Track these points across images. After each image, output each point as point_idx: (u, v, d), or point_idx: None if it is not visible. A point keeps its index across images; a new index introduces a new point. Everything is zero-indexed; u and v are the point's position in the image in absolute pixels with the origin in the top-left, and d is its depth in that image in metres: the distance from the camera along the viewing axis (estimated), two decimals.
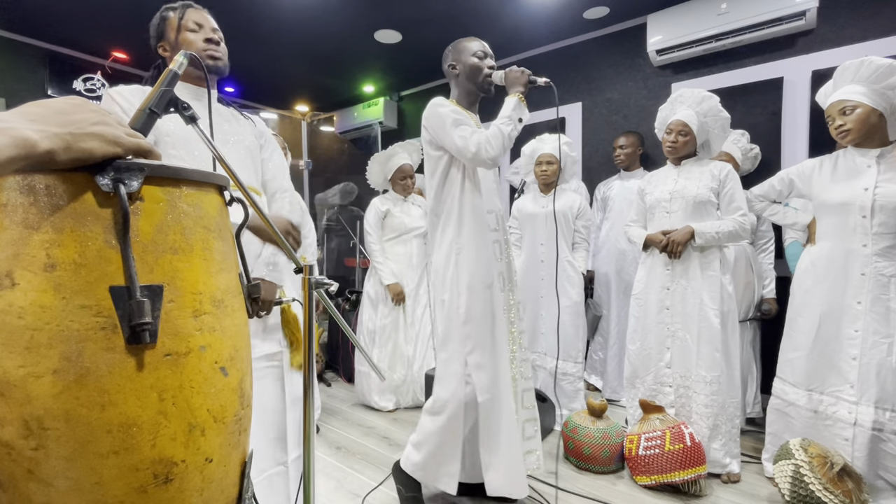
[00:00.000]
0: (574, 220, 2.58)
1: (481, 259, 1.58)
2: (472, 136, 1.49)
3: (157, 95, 0.71)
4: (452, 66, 1.65)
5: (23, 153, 0.43)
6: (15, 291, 0.48)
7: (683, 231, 1.93)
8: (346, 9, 2.99)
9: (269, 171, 1.38)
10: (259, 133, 1.39)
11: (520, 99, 1.53)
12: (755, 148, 2.58)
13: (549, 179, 2.54)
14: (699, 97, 2.00)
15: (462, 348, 1.56)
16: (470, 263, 1.57)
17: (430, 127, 1.58)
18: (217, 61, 1.26)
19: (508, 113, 1.51)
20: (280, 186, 1.39)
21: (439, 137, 1.56)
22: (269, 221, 0.83)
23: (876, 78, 1.63)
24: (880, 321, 1.63)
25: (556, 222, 2.34)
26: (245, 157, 1.30)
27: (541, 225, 2.56)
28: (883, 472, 1.63)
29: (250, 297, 0.76)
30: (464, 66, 1.62)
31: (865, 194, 1.66)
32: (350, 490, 1.87)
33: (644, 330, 2.08)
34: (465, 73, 1.62)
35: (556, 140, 2.52)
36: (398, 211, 2.95)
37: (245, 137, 1.32)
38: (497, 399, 1.56)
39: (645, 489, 1.86)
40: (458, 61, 1.64)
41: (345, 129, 4.92)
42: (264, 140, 1.40)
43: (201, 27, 1.25)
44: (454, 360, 1.57)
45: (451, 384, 1.56)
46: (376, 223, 2.94)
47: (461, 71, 1.63)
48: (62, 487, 0.50)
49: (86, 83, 3.64)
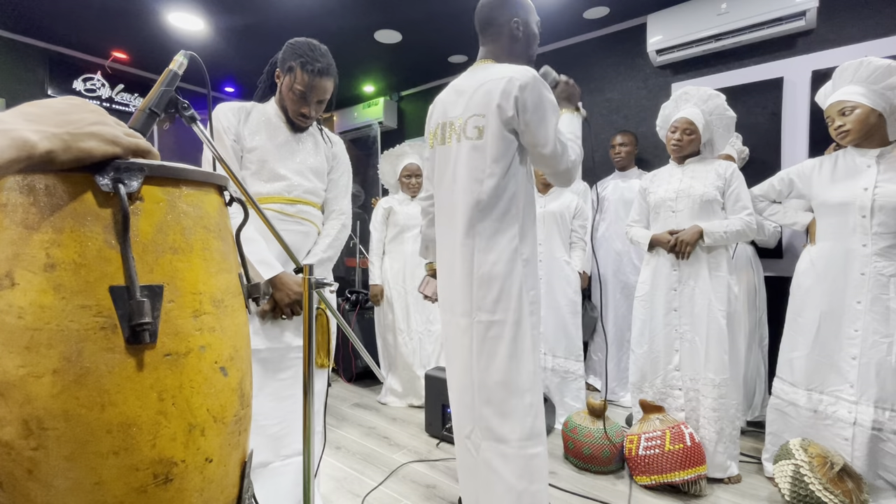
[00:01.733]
0: (571, 220, 2.59)
1: (537, 269, 1.40)
2: (572, 144, 1.25)
3: (157, 95, 0.71)
4: (517, 23, 1.32)
5: (23, 154, 0.43)
6: (15, 291, 0.48)
7: (692, 231, 1.90)
8: (346, 9, 2.99)
9: (332, 191, 1.53)
10: (333, 156, 1.53)
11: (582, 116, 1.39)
12: (745, 150, 2.62)
13: (546, 179, 2.55)
14: (705, 95, 1.98)
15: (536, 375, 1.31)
16: (534, 277, 1.33)
17: (530, 103, 1.21)
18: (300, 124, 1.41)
19: (574, 130, 1.34)
20: (339, 209, 1.53)
21: (532, 123, 1.22)
22: (269, 222, 0.83)
23: (875, 78, 1.63)
24: (880, 321, 1.63)
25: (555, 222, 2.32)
26: (309, 174, 1.44)
27: (539, 224, 2.57)
28: (883, 471, 1.63)
29: (251, 296, 0.76)
30: (528, 29, 1.34)
31: (865, 194, 1.66)
32: (350, 490, 1.87)
33: (651, 332, 2.05)
34: (525, 39, 1.35)
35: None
36: (402, 208, 2.98)
37: (317, 156, 1.47)
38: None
39: (645, 489, 1.86)
40: (524, 22, 1.33)
41: (345, 128, 4.92)
42: (336, 162, 1.54)
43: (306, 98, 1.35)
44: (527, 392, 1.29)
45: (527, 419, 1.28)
46: (380, 221, 2.98)
47: (526, 33, 1.35)
48: (62, 487, 0.50)
49: (86, 83, 3.64)
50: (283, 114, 1.42)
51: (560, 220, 2.55)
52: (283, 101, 1.38)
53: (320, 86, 1.33)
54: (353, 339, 0.93)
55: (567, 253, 2.58)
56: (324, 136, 1.53)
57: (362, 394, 3.07)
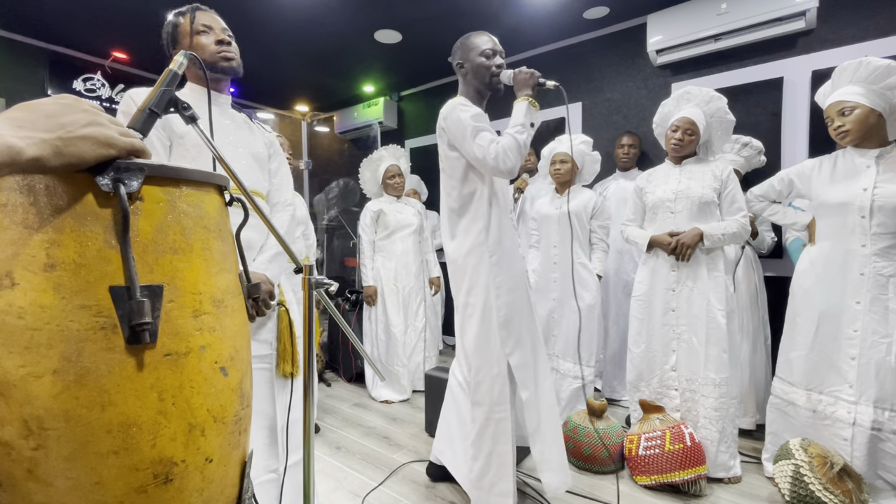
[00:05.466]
0: (589, 220, 2.48)
1: (513, 260, 1.58)
2: (490, 146, 1.46)
3: (157, 95, 0.71)
4: (460, 64, 1.62)
5: (7, 160, 0.41)
6: (15, 291, 0.48)
7: (693, 233, 1.90)
8: (346, 9, 2.99)
9: (275, 183, 1.41)
10: (269, 143, 1.42)
11: (531, 103, 1.49)
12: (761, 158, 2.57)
13: (562, 178, 2.48)
14: (707, 96, 1.98)
15: (503, 350, 1.54)
16: (503, 265, 1.55)
17: (449, 130, 1.54)
18: (230, 62, 1.27)
19: (521, 120, 1.48)
20: (283, 199, 1.42)
21: (458, 144, 1.53)
22: (269, 222, 0.83)
23: (874, 78, 1.63)
24: (879, 321, 1.63)
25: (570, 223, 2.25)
26: (252, 163, 1.32)
27: (554, 226, 2.50)
28: (882, 471, 1.63)
29: (250, 296, 0.76)
30: (471, 64, 1.59)
31: (864, 194, 1.66)
32: (350, 490, 1.87)
33: (648, 332, 2.06)
34: (472, 72, 1.59)
35: (574, 139, 2.50)
36: (391, 209, 3.07)
37: (255, 145, 1.34)
38: (539, 395, 1.57)
39: (645, 489, 1.86)
40: (465, 59, 1.60)
41: (345, 129, 4.92)
42: (273, 150, 1.42)
43: (211, 29, 1.25)
44: (494, 363, 1.55)
45: (497, 387, 1.54)
46: (369, 224, 3.06)
47: (468, 69, 1.60)
48: (62, 487, 0.50)
49: (86, 83, 3.64)
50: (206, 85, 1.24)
51: (577, 221, 2.45)
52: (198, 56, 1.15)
53: (215, 19, 1.27)
54: (353, 339, 0.93)
55: (586, 255, 2.47)
56: (255, 123, 1.42)
57: (362, 394, 3.07)
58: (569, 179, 2.48)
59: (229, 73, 1.28)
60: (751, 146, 2.44)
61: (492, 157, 1.45)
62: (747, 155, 2.45)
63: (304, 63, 3.89)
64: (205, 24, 1.25)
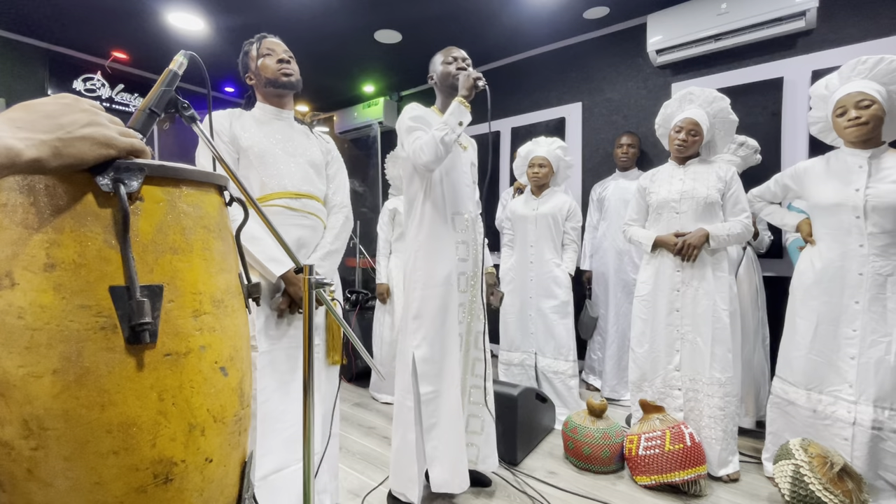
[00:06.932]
0: (563, 222, 2.59)
1: (438, 258, 1.64)
2: (415, 142, 1.55)
3: (157, 95, 0.71)
4: (430, 76, 1.75)
5: (6, 162, 0.41)
6: (15, 291, 0.48)
7: (699, 234, 1.90)
8: (346, 9, 2.99)
9: (332, 187, 1.57)
10: (326, 150, 1.58)
11: (461, 103, 1.54)
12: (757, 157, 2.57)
13: (540, 182, 2.58)
14: (710, 97, 1.98)
15: (411, 341, 1.62)
16: (426, 261, 1.64)
17: (398, 132, 1.67)
18: (289, 77, 1.45)
19: (445, 118, 1.53)
20: (339, 201, 1.57)
21: (401, 143, 1.65)
22: (269, 222, 0.83)
23: (892, 79, 1.62)
24: (878, 320, 1.63)
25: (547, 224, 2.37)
26: (309, 169, 1.47)
27: (531, 227, 2.60)
28: (883, 471, 1.63)
29: (250, 296, 0.76)
30: (437, 74, 1.72)
31: (857, 195, 1.66)
32: (350, 490, 1.87)
33: (652, 332, 2.05)
34: (439, 80, 1.72)
35: (550, 143, 2.60)
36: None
37: (313, 153, 1.50)
38: (441, 392, 1.62)
39: (645, 489, 1.86)
40: (433, 71, 1.74)
41: (344, 128, 4.92)
42: (331, 157, 1.59)
43: (274, 51, 1.45)
44: (406, 354, 1.64)
45: (405, 376, 1.63)
46: (386, 223, 3.03)
47: (437, 79, 1.73)
48: (62, 487, 0.50)
49: (86, 83, 3.65)
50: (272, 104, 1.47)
51: (553, 223, 2.55)
52: (264, 79, 1.44)
53: (278, 43, 1.47)
54: (353, 339, 0.93)
55: (558, 255, 2.58)
56: (314, 133, 1.58)
57: (362, 394, 3.07)
58: (546, 182, 2.61)
59: (289, 88, 1.46)
60: (746, 145, 2.44)
61: (412, 152, 1.55)
62: (743, 154, 2.45)
63: (304, 63, 3.85)
64: (269, 48, 1.45)
